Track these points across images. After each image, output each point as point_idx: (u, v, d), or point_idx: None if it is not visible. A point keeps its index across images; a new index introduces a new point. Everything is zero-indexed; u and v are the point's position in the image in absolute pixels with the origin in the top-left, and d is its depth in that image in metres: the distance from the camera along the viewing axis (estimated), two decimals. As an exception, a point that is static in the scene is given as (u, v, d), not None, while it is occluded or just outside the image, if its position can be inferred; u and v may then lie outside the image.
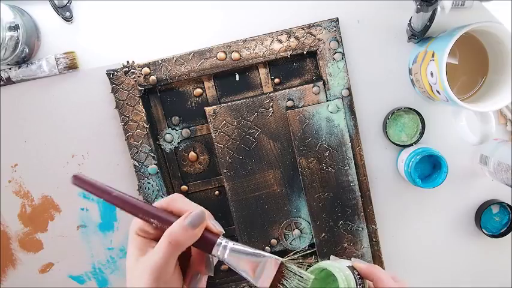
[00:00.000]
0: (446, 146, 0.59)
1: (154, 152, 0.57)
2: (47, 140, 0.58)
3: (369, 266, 0.43)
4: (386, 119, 0.57)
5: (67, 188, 0.59)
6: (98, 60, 0.57)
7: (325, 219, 0.58)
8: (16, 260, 0.61)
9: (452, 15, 0.54)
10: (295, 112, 0.56)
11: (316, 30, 0.55)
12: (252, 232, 0.58)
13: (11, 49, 0.52)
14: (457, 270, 0.62)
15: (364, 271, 0.42)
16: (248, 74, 0.57)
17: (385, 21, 0.56)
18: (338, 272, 0.40)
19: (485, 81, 0.52)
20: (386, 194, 0.60)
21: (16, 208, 0.60)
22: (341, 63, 0.56)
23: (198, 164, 0.59)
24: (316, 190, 0.57)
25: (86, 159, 0.59)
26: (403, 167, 0.57)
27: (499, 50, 0.50)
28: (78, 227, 0.61)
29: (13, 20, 0.52)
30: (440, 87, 0.48)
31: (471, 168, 0.60)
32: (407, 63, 0.57)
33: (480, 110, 0.48)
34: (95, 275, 0.62)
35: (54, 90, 0.57)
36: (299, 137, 0.56)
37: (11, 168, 0.59)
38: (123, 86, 0.55)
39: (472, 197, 0.61)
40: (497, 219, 0.61)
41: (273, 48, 0.55)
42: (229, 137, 0.57)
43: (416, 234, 0.62)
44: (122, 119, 0.56)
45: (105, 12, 0.56)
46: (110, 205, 0.59)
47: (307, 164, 0.57)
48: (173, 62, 0.55)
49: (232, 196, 0.57)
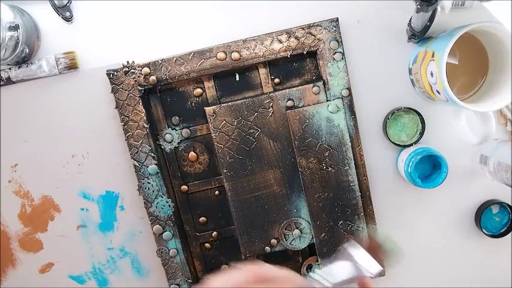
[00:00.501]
0: (446, 146, 0.59)
1: (154, 152, 0.57)
2: (47, 140, 0.58)
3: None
4: (387, 119, 0.57)
5: (67, 188, 0.60)
6: (98, 60, 0.57)
7: (325, 219, 0.58)
8: (16, 260, 0.61)
9: (452, 15, 0.54)
10: (295, 112, 0.56)
11: (316, 30, 0.55)
12: (252, 232, 0.58)
13: (11, 49, 0.52)
14: (457, 270, 0.62)
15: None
16: (248, 74, 0.57)
17: (385, 21, 0.56)
18: None
19: (485, 81, 0.52)
20: (386, 194, 0.60)
21: (16, 208, 0.60)
22: (341, 63, 0.56)
23: (198, 164, 0.59)
24: (316, 190, 0.57)
25: (86, 159, 0.59)
26: (403, 167, 0.57)
27: (499, 50, 0.50)
28: (78, 227, 0.61)
29: (13, 20, 0.52)
30: (440, 87, 0.48)
31: (471, 168, 0.60)
32: (407, 63, 0.57)
33: (480, 110, 0.48)
34: (94, 275, 0.62)
35: (54, 90, 0.57)
36: (299, 137, 0.56)
37: (11, 168, 0.59)
38: (123, 86, 0.55)
39: (472, 197, 0.61)
40: (497, 219, 0.61)
41: (273, 48, 0.55)
42: (229, 137, 0.57)
43: (416, 234, 0.61)
44: (122, 119, 0.56)
45: (105, 12, 0.56)
46: (110, 205, 0.60)
47: (307, 164, 0.57)
48: (173, 62, 0.55)
49: (232, 196, 0.57)
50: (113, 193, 0.60)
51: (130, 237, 0.61)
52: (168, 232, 0.58)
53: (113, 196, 0.60)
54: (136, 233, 0.61)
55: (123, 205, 0.60)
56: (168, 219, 0.58)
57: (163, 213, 0.58)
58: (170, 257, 0.59)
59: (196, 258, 0.61)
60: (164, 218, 0.58)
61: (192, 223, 0.61)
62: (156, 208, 0.57)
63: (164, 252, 0.58)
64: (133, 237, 0.61)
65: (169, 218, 0.58)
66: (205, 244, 0.61)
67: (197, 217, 0.60)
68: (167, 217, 0.58)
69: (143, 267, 0.62)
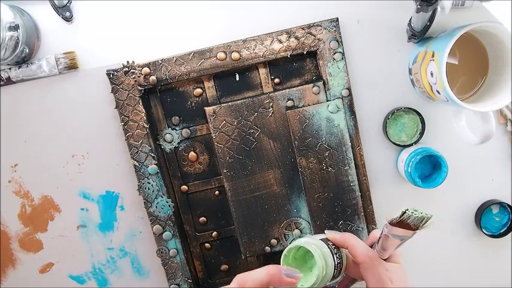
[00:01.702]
0: (446, 146, 0.59)
1: (154, 152, 0.57)
2: (47, 140, 0.58)
3: (342, 234, 0.45)
4: (386, 119, 0.57)
5: (67, 188, 0.60)
6: (98, 60, 0.57)
7: (325, 219, 0.58)
8: (16, 260, 0.61)
9: (452, 15, 0.54)
10: (295, 112, 0.56)
11: (316, 30, 0.55)
12: (252, 232, 0.58)
13: (11, 49, 0.52)
14: (457, 270, 0.62)
15: (338, 240, 0.44)
16: (248, 74, 0.57)
17: (385, 21, 0.56)
18: (315, 249, 0.42)
19: (485, 81, 0.52)
20: (387, 194, 0.60)
21: (16, 208, 0.60)
22: (341, 63, 0.56)
23: (198, 164, 0.59)
24: (316, 190, 0.57)
25: (86, 159, 0.59)
26: (403, 167, 0.57)
27: (499, 50, 0.50)
28: (78, 227, 0.61)
29: (13, 20, 0.52)
30: (440, 87, 0.48)
31: (471, 168, 0.60)
32: (407, 63, 0.57)
33: (480, 110, 0.48)
34: (94, 275, 0.62)
35: (54, 90, 0.57)
36: (299, 137, 0.56)
37: (11, 168, 0.59)
38: (123, 86, 0.55)
39: (472, 197, 0.61)
40: (497, 219, 0.61)
41: (273, 48, 0.55)
42: (229, 137, 0.57)
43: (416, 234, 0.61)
44: (122, 119, 0.56)
45: (105, 12, 0.56)
46: (110, 205, 0.60)
47: (307, 164, 0.57)
48: (173, 62, 0.55)
49: (232, 196, 0.57)
50: (112, 193, 0.60)
51: (130, 237, 0.61)
52: (168, 232, 0.58)
53: (113, 196, 0.60)
54: (136, 233, 0.61)
55: (123, 205, 0.60)
56: (168, 219, 0.58)
57: (163, 213, 0.58)
58: (170, 257, 0.59)
59: (196, 258, 0.61)
60: (164, 218, 0.58)
61: (192, 223, 0.61)
62: (156, 208, 0.57)
63: (164, 252, 0.58)
64: (133, 237, 0.61)
65: (169, 218, 0.58)
66: (205, 244, 0.61)
67: (197, 217, 0.60)
68: (167, 217, 0.58)
69: (143, 267, 0.62)
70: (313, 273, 0.42)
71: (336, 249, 0.44)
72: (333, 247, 0.44)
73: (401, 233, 0.41)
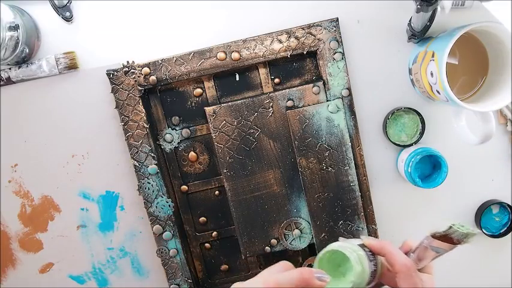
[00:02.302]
0: (446, 146, 0.59)
1: (154, 152, 0.57)
2: (47, 140, 0.58)
3: (379, 241, 0.44)
4: (386, 119, 0.57)
5: (67, 188, 0.60)
6: (98, 60, 0.57)
7: (325, 219, 0.58)
8: (16, 260, 0.61)
9: (452, 15, 0.54)
10: (295, 112, 0.56)
11: (316, 30, 0.55)
12: (252, 232, 0.58)
13: (11, 49, 0.52)
14: (457, 270, 0.62)
15: (375, 247, 0.43)
16: (248, 74, 0.57)
17: (385, 21, 0.56)
18: (351, 252, 0.40)
19: (485, 81, 0.52)
20: (387, 194, 0.60)
21: (16, 208, 0.60)
22: (341, 63, 0.56)
23: (198, 164, 0.59)
24: (316, 190, 0.57)
25: (86, 159, 0.59)
26: (403, 167, 0.57)
27: (499, 50, 0.50)
28: (78, 227, 0.61)
29: (13, 20, 0.52)
30: (440, 87, 0.48)
31: (471, 168, 0.60)
32: (407, 63, 0.57)
33: (480, 110, 0.48)
34: (94, 275, 0.62)
35: (54, 90, 0.57)
36: (299, 137, 0.56)
37: (11, 168, 0.59)
38: (123, 86, 0.55)
39: (472, 197, 0.61)
40: (497, 219, 0.61)
41: (273, 48, 0.55)
42: (229, 137, 0.57)
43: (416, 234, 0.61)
44: (122, 119, 0.56)
45: (105, 12, 0.56)
46: (110, 205, 0.60)
47: (307, 164, 0.57)
48: (173, 62, 0.55)
49: (232, 196, 0.57)
50: (112, 193, 0.60)
51: (130, 237, 0.61)
52: (168, 232, 0.58)
53: (113, 196, 0.60)
54: (136, 233, 0.61)
55: (123, 205, 0.60)
56: (168, 219, 0.58)
57: (163, 213, 0.58)
58: (170, 257, 0.59)
59: (196, 258, 0.61)
60: (164, 218, 0.58)
61: (192, 223, 0.61)
62: (156, 208, 0.57)
63: (164, 252, 0.58)
64: (133, 237, 0.61)
65: (169, 218, 0.58)
66: (205, 244, 0.61)
67: (197, 217, 0.60)
68: (167, 217, 0.58)
69: (143, 267, 0.62)
70: (348, 279, 0.41)
71: (372, 256, 0.43)
72: (369, 253, 0.42)
73: (441, 246, 0.40)
